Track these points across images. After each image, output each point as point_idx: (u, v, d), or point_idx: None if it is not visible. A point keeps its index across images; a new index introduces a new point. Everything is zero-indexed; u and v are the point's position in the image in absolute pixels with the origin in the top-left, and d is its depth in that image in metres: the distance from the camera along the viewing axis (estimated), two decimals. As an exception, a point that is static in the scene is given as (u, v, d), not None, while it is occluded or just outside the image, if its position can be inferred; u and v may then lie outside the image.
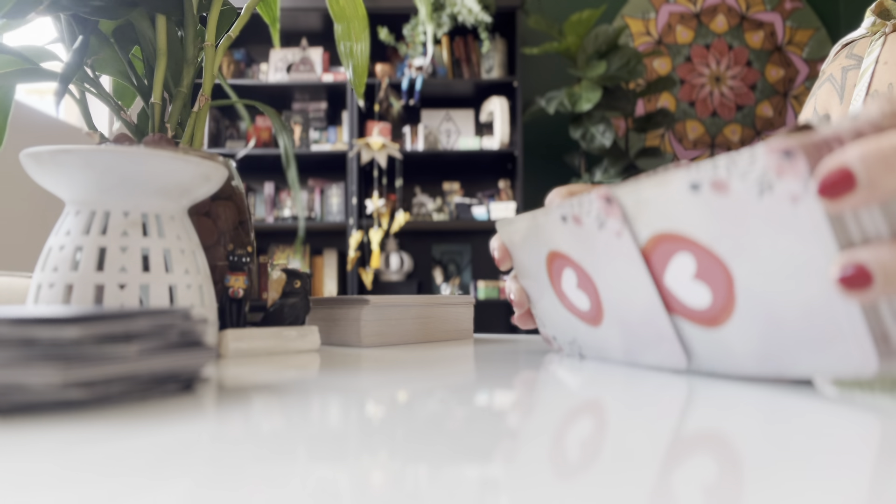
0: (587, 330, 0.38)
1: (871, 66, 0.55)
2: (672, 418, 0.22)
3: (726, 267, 0.27)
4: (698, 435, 0.19)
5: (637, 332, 0.34)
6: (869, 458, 0.17)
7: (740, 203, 0.25)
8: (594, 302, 0.36)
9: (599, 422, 0.21)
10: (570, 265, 0.36)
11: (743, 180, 0.24)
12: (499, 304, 2.76)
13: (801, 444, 0.18)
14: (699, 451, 0.17)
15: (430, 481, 0.15)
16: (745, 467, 0.15)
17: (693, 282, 0.29)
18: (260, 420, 0.22)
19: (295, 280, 0.49)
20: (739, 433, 0.19)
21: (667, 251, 0.29)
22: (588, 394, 0.27)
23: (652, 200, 0.29)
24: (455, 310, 0.59)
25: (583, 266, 0.35)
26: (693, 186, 0.26)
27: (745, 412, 0.22)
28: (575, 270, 0.36)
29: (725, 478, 0.15)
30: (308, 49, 2.72)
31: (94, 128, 0.51)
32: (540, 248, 0.38)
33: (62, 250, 0.35)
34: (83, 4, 0.44)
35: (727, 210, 0.26)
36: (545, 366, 0.38)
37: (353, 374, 0.34)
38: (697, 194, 0.26)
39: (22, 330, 0.22)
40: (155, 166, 0.35)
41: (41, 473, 0.15)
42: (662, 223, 0.29)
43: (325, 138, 2.74)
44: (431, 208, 2.73)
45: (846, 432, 0.19)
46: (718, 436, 0.19)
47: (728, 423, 0.21)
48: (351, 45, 0.64)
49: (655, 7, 3.07)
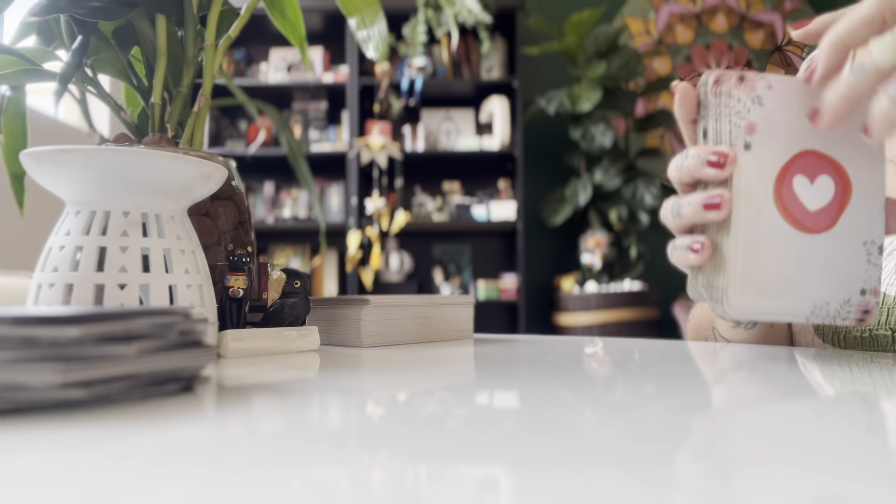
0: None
1: None
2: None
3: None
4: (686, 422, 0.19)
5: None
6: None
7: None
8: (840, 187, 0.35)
9: (600, 422, 0.21)
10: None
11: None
12: (499, 305, 2.76)
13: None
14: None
15: (430, 481, 0.15)
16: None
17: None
18: (260, 420, 0.22)
19: (295, 280, 0.49)
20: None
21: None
22: (589, 393, 0.27)
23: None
24: (455, 310, 0.59)
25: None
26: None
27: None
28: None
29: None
30: (308, 49, 2.71)
31: (94, 128, 0.51)
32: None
33: (62, 250, 0.35)
34: (81, 6, 0.44)
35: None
36: (546, 365, 0.38)
37: (353, 374, 0.34)
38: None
39: (22, 330, 0.22)
40: (155, 166, 0.35)
41: (41, 473, 0.15)
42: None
43: (325, 138, 2.74)
44: (431, 208, 2.73)
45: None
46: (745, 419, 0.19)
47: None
48: (368, 31, 0.64)
49: (655, 7, 3.07)
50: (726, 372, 0.34)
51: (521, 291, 2.57)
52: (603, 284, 2.50)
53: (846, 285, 0.35)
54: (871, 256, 0.35)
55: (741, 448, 0.17)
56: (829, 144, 0.35)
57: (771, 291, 0.34)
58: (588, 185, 2.54)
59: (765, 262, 0.34)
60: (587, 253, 2.54)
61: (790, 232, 0.34)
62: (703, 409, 0.23)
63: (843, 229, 0.35)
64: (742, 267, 0.34)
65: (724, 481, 0.14)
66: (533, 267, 2.88)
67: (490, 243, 2.90)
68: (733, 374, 0.33)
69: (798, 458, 0.16)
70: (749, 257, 0.34)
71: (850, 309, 0.35)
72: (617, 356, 0.42)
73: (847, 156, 0.35)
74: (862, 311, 0.36)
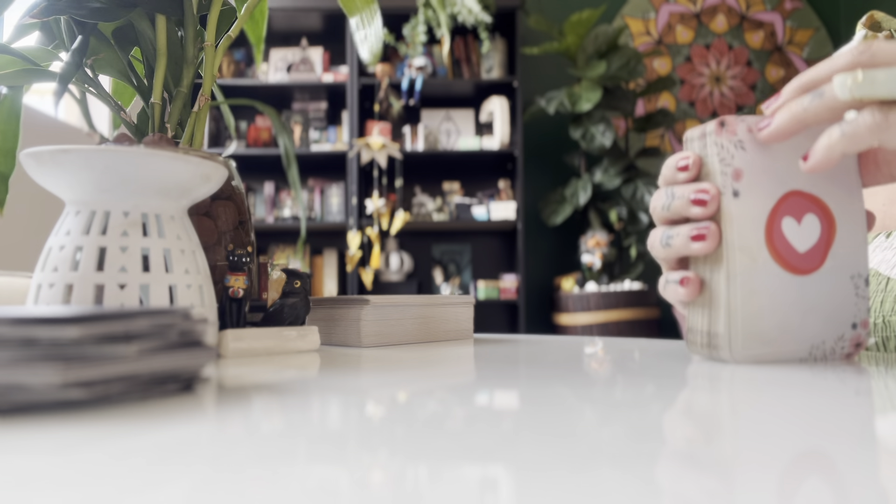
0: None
1: None
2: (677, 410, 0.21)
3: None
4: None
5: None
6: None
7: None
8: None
9: (600, 422, 0.21)
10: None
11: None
12: (499, 305, 2.76)
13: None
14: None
15: (430, 481, 0.15)
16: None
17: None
18: (260, 420, 0.22)
19: (295, 280, 0.49)
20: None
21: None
22: (589, 393, 0.27)
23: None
24: (455, 310, 0.59)
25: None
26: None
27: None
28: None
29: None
30: (308, 49, 2.72)
31: (94, 128, 0.51)
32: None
33: (62, 250, 0.35)
34: (80, 7, 0.44)
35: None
36: (546, 365, 0.38)
37: (353, 374, 0.34)
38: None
39: (22, 330, 0.22)
40: (155, 166, 0.35)
41: (41, 473, 0.15)
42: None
43: (325, 138, 2.74)
44: (431, 208, 2.73)
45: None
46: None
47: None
48: (365, 31, 0.64)
49: (655, 7, 3.08)
50: (726, 372, 0.34)
51: (521, 291, 2.57)
52: (603, 284, 2.50)
53: (839, 322, 0.36)
54: (859, 290, 0.36)
55: (741, 448, 0.17)
56: (810, 183, 0.36)
57: (772, 340, 0.35)
58: (588, 185, 2.54)
59: (764, 310, 0.35)
60: (587, 253, 2.54)
61: (784, 276, 0.35)
62: (703, 409, 0.23)
63: (832, 266, 0.36)
64: (742, 318, 0.35)
65: (724, 481, 0.14)
66: (533, 267, 2.88)
67: (490, 243, 2.90)
68: (733, 374, 0.33)
69: (798, 457, 0.16)
70: (748, 307, 0.35)
71: (844, 344, 0.36)
72: (617, 356, 0.42)
73: (828, 192, 0.36)
74: (854, 344, 0.36)
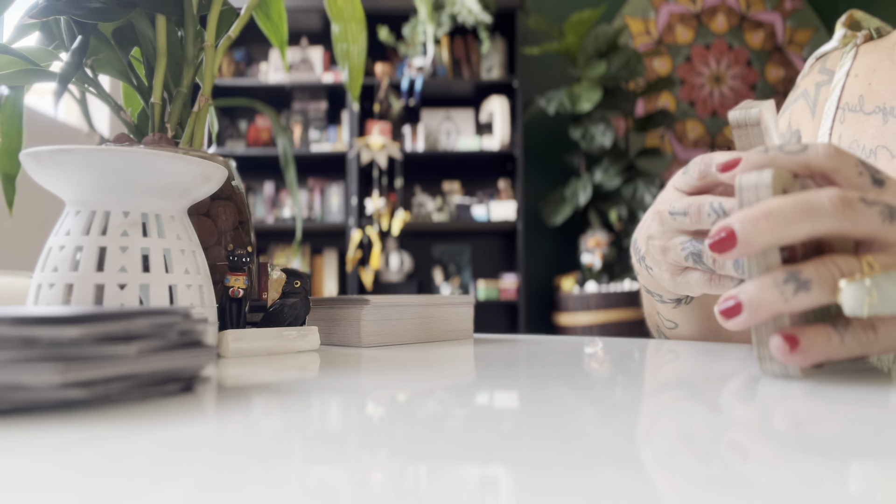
0: None
1: (842, 79, 0.55)
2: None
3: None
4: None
5: None
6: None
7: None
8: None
9: (600, 422, 0.21)
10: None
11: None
12: (499, 304, 2.76)
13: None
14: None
15: (430, 481, 0.15)
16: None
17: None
18: (260, 420, 0.22)
19: (295, 280, 0.49)
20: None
21: None
22: (589, 393, 0.27)
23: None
24: (455, 310, 0.59)
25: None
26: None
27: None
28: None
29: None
30: (308, 49, 2.72)
31: (94, 128, 0.51)
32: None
33: (62, 250, 0.35)
34: (79, 7, 0.44)
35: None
36: (546, 365, 0.38)
37: (353, 374, 0.34)
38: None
39: (22, 330, 0.22)
40: (155, 166, 0.35)
41: (41, 473, 0.15)
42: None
43: (325, 138, 2.74)
44: (431, 208, 2.73)
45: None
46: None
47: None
48: (348, 46, 0.64)
49: (655, 7, 3.08)
50: (726, 372, 0.34)
51: (521, 291, 2.57)
52: (603, 284, 2.50)
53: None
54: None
55: (741, 448, 0.17)
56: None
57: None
58: (588, 185, 2.54)
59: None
60: (587, 253, 2.54)
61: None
62: (703, 409, 0.23)
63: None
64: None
65: (724, 482, 0.14)
66: (533, 267, 2.88)
67: (490, 243, 2.90)
68: (733, 374, 0.33)
69: (797, 455, 0.16)
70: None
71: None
72: (617, 356, 0.42)
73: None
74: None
